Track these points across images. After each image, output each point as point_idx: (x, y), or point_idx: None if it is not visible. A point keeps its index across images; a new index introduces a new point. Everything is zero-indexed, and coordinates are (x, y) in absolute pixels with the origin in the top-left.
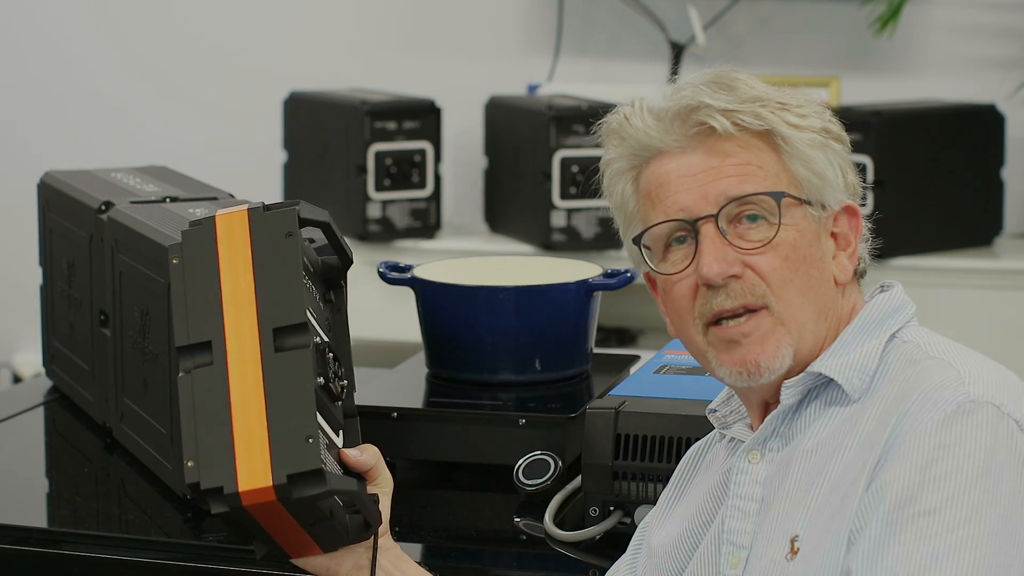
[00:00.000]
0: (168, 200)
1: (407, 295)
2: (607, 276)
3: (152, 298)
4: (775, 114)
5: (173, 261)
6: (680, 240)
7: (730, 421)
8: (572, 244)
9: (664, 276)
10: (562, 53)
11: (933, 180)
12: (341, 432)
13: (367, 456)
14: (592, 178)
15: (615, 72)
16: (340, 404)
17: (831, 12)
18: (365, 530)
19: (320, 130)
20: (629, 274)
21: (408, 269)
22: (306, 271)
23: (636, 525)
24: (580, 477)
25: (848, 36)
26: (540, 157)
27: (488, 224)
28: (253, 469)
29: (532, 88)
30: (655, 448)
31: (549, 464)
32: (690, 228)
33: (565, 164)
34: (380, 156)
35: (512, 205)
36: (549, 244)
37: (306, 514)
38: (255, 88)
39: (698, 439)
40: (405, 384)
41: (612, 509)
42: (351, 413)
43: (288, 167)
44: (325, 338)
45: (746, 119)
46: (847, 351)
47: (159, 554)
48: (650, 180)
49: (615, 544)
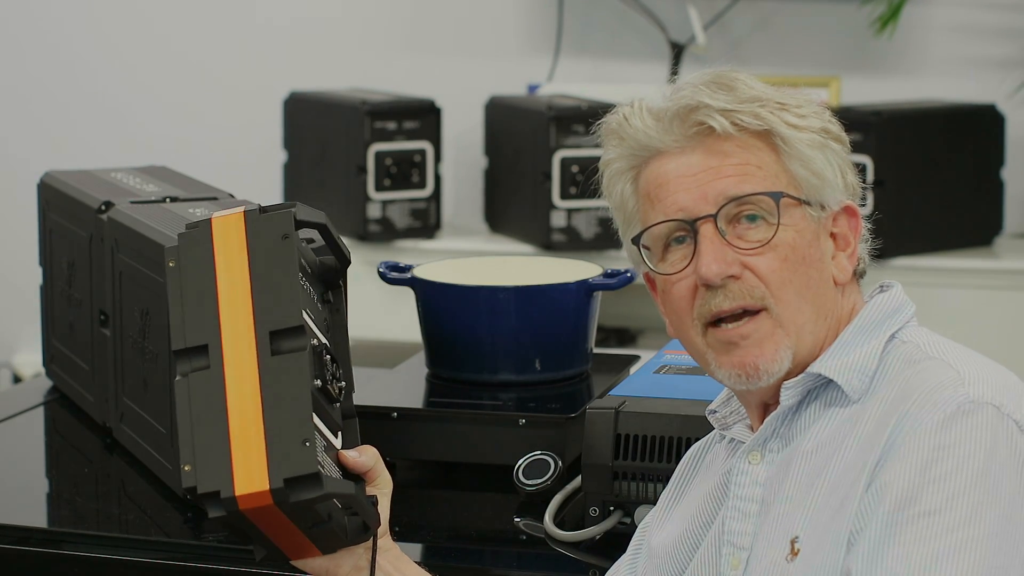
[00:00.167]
0: (168, 200)
1: (407, 295)
2: (607, 276)
3: (152, 298)
4: (774, 114)
5: (170, 264)
6: (679, 240)
7: (730, 422)
8: (572, 244)
9: (663, 276)
10: (562, 53)
11: (933, 180)
12: (340, 433)
13: (365, 458)
14: (592, 178)
15: (615, 72)
16: (338, 405)
17: (831, 12)
18: (364, 532)
19: (320, 130)
20: (629, 274)
21: (408, 269)
22: (304, 272)
23: (636, 525)
24: (580, 477)
25: (848, 36)
26: (540, 157)
27: (488, 224)
28: (250, 473)
29: (532, 88)
30: (655, 448)
31: (549, 464)
32: (689, 228)
33: (565, 164)
34: (380, 156)
35: (512, 205)
36: (549, 244)
37: (304, 517)
38: (255, 88)
39: (698, 439)
40: (405, 384)
41: (612, 509)
42: (350, 414)
43: (288, 167)
44: (323, 340)
45: (745, 119)
46: (847, 352)
47: (159, 554)
48: (649, 180)
49: (615, 544)
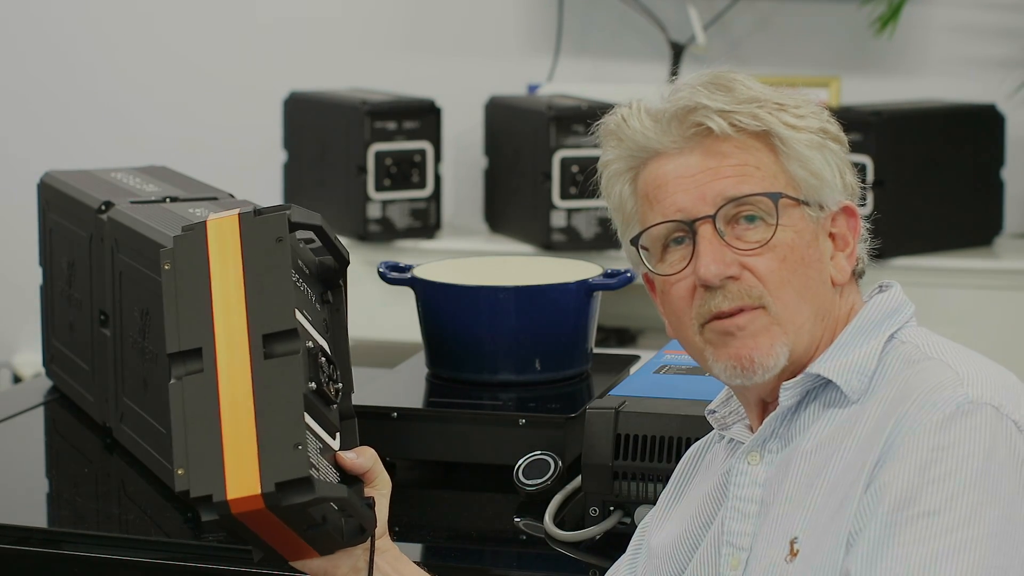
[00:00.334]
0: (168, 200)
1: (407, 295)
2: (607, 276)
3: (152, 298)
4: (772, 115)
5: (165, 267)
6: (678, 241)
7: (729, 422)
8: (572, 244)
9: (662, 277)
10: (562, 53)
11: (933, 180)
12: (338, 435)
13: (363, 459)
14: (591, 178)
15: (615, 72)
16: (335, 407)
17: (831, 12)
18: (360, 533)
19: (320, 130)
20: (629, 274)
21: (408, 269)
22: (301, 273)
23: (636, 525)
24: (580, 477)
25: (848, 36)
26: (540, 157)
27: (488, 224)
28: (242, 477)
29: (532, 88)
30: (655, 448)
31: (549, 464)
32: (688, 229)
33: (565, 164)
34: (380, 156)
35: (512, 205)
36: (549, 244)
37: (298, 520)
38: (255, 88)
39: (698, 439)
40: (405, 384)
41: (612, 509)
42: (349, 415)
43: (288, 167)
44: (320, 341)
45: (743, 120)
46: (846, 352)
47: (159, 554)
48: (648, 181)
49: (615, 544)
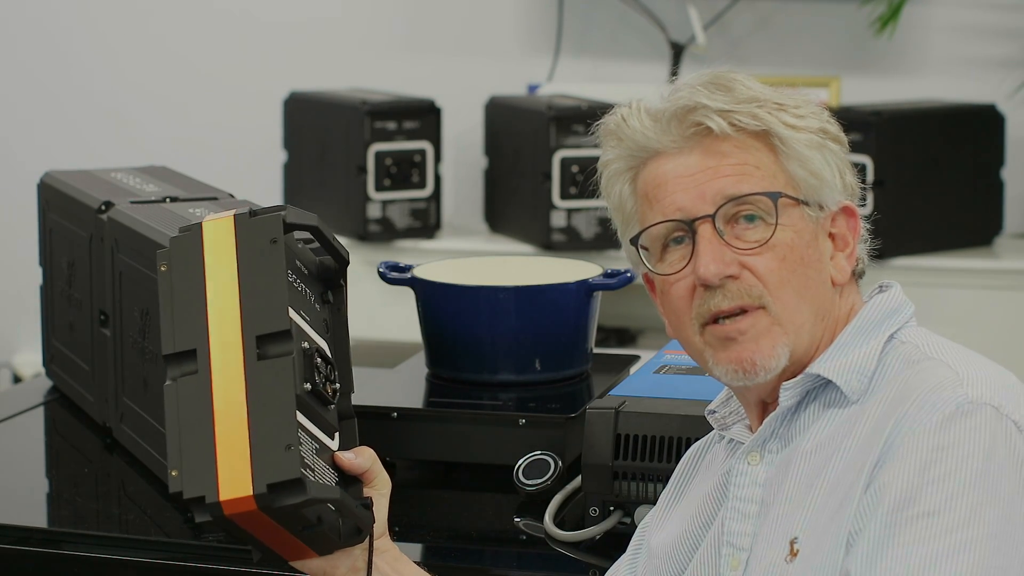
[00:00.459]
0: (168, 200)
1: (407, 295)
2: (607, 276)
3: (152, 298)
4: (772, 114)
5: (161, 268)
6: (678, 241)
7: (729, 422)
8: (572, 244)
9: (661, 277)
10: (562, 53)
11: (933, 180)
12: (337, 435)
13: (361, 459)
14: (591, 178)
15: (615, 72)
16: (333, 408)
17: (831, 12)
18: (358, 534)
19: (320, 130)
20: (629, 274)
21: (408, 269)
22: (299, 273)
23: (636, 525)
24: (580, 477)
25: (848, 36)
26: (540, 157)
27: (488, 224)
28: (234, 478)
29: (532, 88)
30: (655, 448)
31: (549, 464)
32: (687, 228)
33: (565, 164)
34: (380, 156)
35: (512, 205)
36: (549, 244)
37: (292, 521)
38: (255, 88)
39: (698, 439)
40: (405, 384)
41: (612, 509)
42: (348, 415)
43: (288, 167)
44: (319, 342)
45: (743, 119)
46: (845, 352)
47: (159, 554)
48: (647, 181)
49: (615, 544)
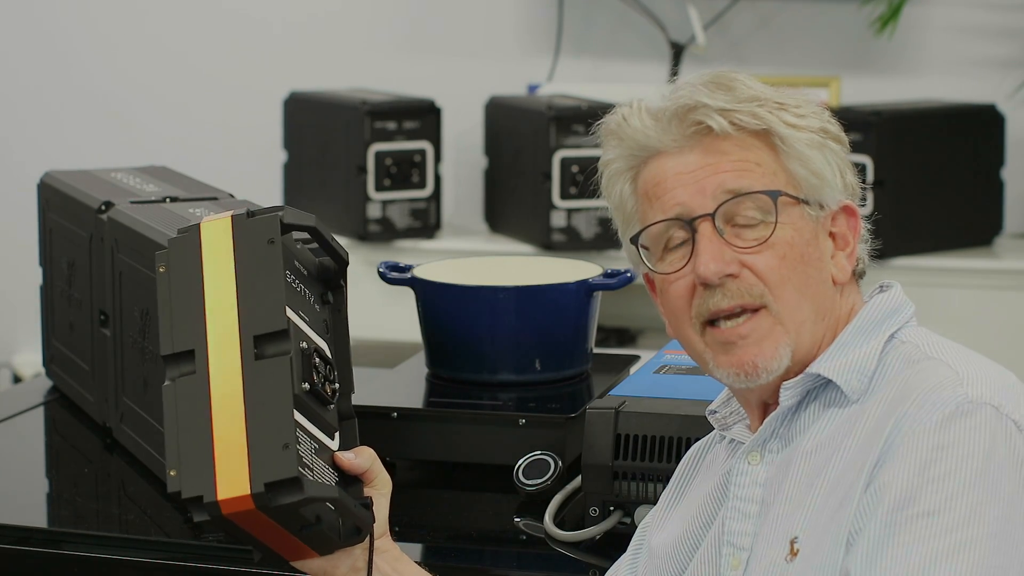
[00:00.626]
0: (168, 200)
1: (407, 295)
2: (607, 276)
3: (152, 298)
4: (773, 114)
5: (160, 269)
6: (678, 244)
7: (730, 422)
8: (572, 244)
9: (661, 276)
10: (562, 53)
11: (933, 180)
12: (337, 435)
13: (361, 459)
14: (591, 178)
15: (615, 72)
16: (332, 407)
17: (831, 12)
18: (358, 533)
19: (320, 130)
20: (629, 274)
21: (408, 269)
22: (298, 274)
23: (636, 525)
24: (580, 477)
25: (848, 36)
26: (540, 157)
27: (488, 224)
28: (232, 478)
29: (532, 88)
30: (655, 448)
31: (549, 464)
32: (687, 228)
33: (565, 164)
34: (380, 156)
35: (512, 205)
36: (549, 244)
37: (290, 520)
38: (255, 88)
39: (698, 439)
40: (405, 384)
41: (612, 509)
42: (348, 415)
43: (288, 167)
44: (319, 342)
45: (743, 118)
46: (846, 352)
47: (159, 554)
48: (648, 179)
49: (615, 544)
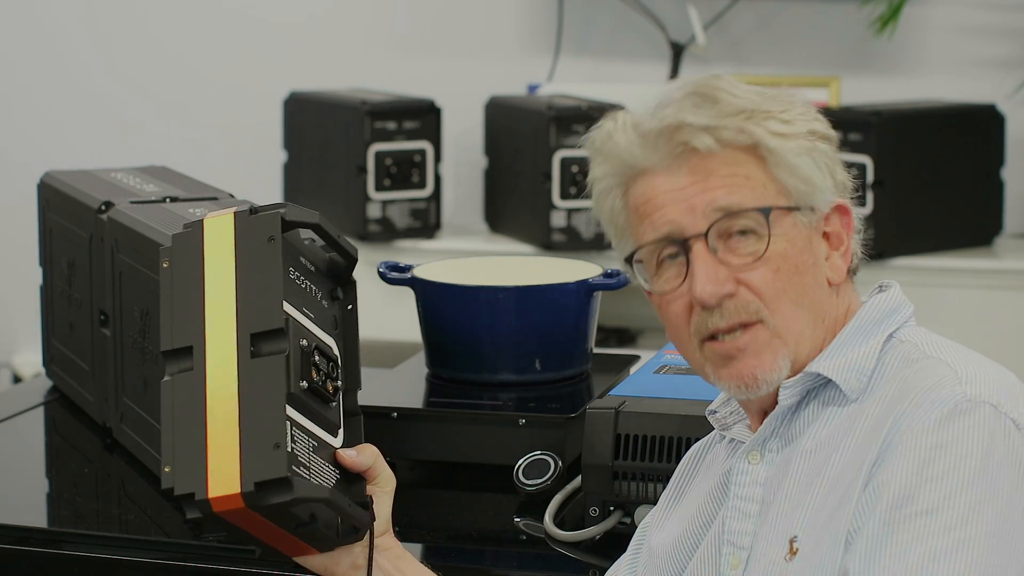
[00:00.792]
0: (168, 200)
1: (407, 295)
2: (607, 276)
3: (152, 298)
4: (759, 126)
5: (164, 265)
6: (672, 256)
7: (730, 422)
8: (572, 244)
9: (658, 295)
10: (562, 53)
11: (933, 180)
12: (340, 432)
13: (363, 457)
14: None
15: (615, 72)
16: (334, 405)
17: (831, 12)
18: (355, 532)
19: (320, 130)
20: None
21: (408, 269)
22: (305, 271)
23: (636, 525)
24: (580, 477)
25: (848, 36)
26: (540, 157)
27: (488, 224)
28: (223, 476)
29: (532, 88)
30: (655, 448)
31: (549, 464)
32: (680, 247)
33: (565, 164)
34: (380, 156)
35: (512, 205)
36: (549, 244)
37: (284, 519)
38: (255, 88)
39: (698, 439)
40: (405, 384)
41: (612, 509)
42: (353, 412)
43: (288, 167)
44: (324, 338)
45: (730, 135)
46: (845, 351)
47: (159, 554)
48: (637, 196)
49: (615, 544)
